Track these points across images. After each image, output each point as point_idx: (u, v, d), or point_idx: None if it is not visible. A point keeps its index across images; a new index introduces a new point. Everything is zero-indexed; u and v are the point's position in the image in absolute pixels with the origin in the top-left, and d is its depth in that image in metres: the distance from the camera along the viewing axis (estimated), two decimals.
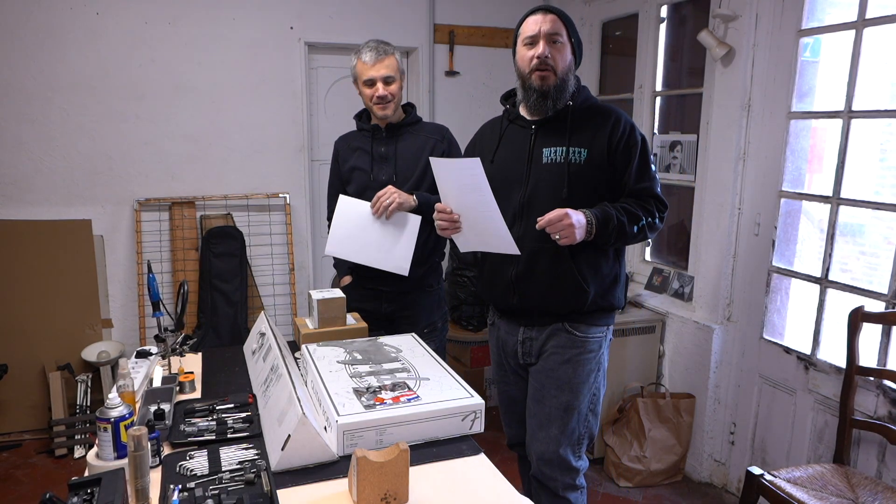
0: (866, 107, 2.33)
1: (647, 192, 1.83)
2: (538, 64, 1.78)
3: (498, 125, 1.98)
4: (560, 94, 1.81)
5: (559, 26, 1.80)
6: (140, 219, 3.53)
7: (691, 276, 3.09)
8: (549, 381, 1.89)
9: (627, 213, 1.77)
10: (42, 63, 3.29)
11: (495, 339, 2.07)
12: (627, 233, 1.77)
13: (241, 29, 3.56)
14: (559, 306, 1.85)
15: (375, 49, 2.24)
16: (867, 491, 2.03)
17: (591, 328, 1.88)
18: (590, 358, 1.89)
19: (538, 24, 1.78)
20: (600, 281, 1.85)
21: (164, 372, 1.85)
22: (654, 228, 1.84)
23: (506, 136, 1.93)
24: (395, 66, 2.27)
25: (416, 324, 2.39)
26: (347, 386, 1.60)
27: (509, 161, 1.90)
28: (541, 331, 1.91)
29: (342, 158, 2.45)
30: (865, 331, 2.22)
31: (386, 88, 2.25)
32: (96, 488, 1.19)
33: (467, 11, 3.98)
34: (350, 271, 2.46)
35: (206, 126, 3.59)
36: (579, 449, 1.92)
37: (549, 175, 1.82)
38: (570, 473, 1.90)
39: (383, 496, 1.26)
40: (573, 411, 1.88)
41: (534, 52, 1.79)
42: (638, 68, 3.40)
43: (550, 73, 1.78)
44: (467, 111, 4.02)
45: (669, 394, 3.00)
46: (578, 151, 1.80)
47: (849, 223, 2.86)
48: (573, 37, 1.83)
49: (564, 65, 1.81)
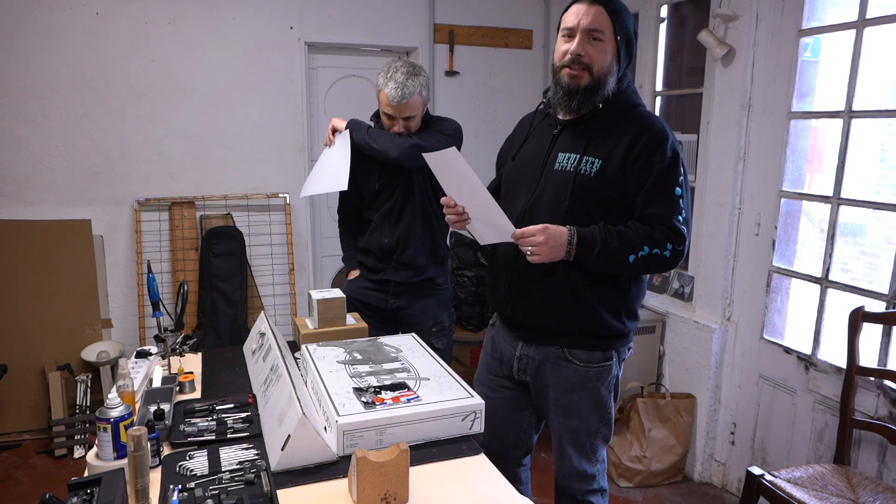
0: (866, 107, 2.33)
1: (658, 220, 1.59)
2: (570, 60, 1.61)
3: (530, 119, 1.85)
4: (590, 96, 1.62)
5: (603, 21, 1.60)
6: (140, 219, 3.53)
7: (691, 276, 3.09)
8: (554, 408, 1.78)
9: (622, 240, 1.57)
10: (42, 63, 3.29)
11: (492, 342, 1.94)
12: (621, 261, 1.57)
13: (241, 29, 3.56)
14: (551, 324, 1.71)
15: (402, 87, 2.17)
16: (867, 491, 2.03)
17: (592, 354, 1.71)
18: (598, 387, 1.74)
19: (578, 17, 1.60)
20: (603, 305, 1.67)
21: (164, 372, 1.85)
22: (662, 262, 1.60)
23: (533, 134, 1.80)
24: (417, 105, 2.23)
25: (425, 322, 2.40)
26: (347, 386, 1.60)
27: (527, 162, 1.77)
28: (538, 350, 1.77)
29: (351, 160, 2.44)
30: (866, 331, 2.22)
31: (404, 126, 2.25)
32: (96, 488, 1.19)
33: (467, 11, 3.98)
34: (358, 265, 2.46)
35: (206, 126, 3.59)
36: (594, 455, 1.83)
37: (557, 183, 1.67)
38: (588, 480, 1.83)
39: (383, 496, 1.26)
40: (583, 431, 1.78)
41: (568, 47, 1.62)
42: (638, 68, 3.40)
43: (585, 72, 1.61)
44: (467, 111, 4.01)
45: (669, 394, 3.00)
46: (591, 161, 1.63)
47: (849, 223, 2.86)
48: (619, 34, 1.61)
49: (603, 65, 1.61)
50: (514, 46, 4.12)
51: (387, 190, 2.36)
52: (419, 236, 2.35)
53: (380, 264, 2.39)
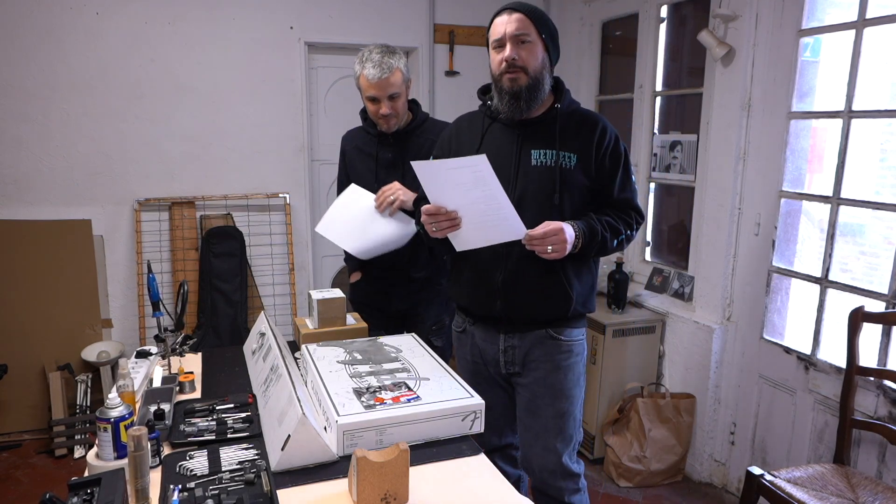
0: (866, 107, 2.33)
1: (629, 204, 1.83)
2: (507, 66, 1.73)
3: (479, 122, 1.90)
4: (533, 94, 1.75)
5: (526, 25, 1.72)
6: (140, 219, 3.53)
7: (691, 276, 3.09)
8: (541, 391, 1.85)
9: (611, 228, 1.77)
10: (42, 63, 3.29)
11: (469, 347, 1.97)
12: (608, 247, 1.78)
13: (241, 29, 3.56)
14: (543, 313, 1.82)
15: (379, 65, 2.11)
16: (867, 491, 2.03)
17: (573, 331, 1.86)
18: (577, 361, 1.88)
19: (504, 26, 1.73)
20: (582, 287, 1.83)
21: (164, 372, 1.85)
22: (630, 240, 1.85)
23: (489, 134, 1.86)
24: (399, 80, 2.15)
25: (425, 321, 2.39)
26: (347, 386, 1.60)
27: (495, 160, 1.78)
28: (523, 338, 1.85)
29: (348, 159, 2.40)
30: (865, 331, 2.22)
31: (390, 106, 2.17)
32: (96, 488, 1.19)
33: (467, 11, 3.98)
34: (360, 267, 2.43)
35: (206, 126, 3.59)
36: (574, 453, 1.91)
37: (540, 178, 1.77)
38: (573, 479, 1.89)
39: (383, 496, 1.26)
40: (569, 417, 1.86)
41: (502, 56, 1.74)
42: (638, 68, 3.40)
43: (521, 73, 1.73)
44: (467, 111, 4.00)
45: (669, 394, 3.00)
46: (568, 157, 1.77)
47: (849, 223, 2.86)
48: (544, 33, 1.74)
49: (536, 63, 1.74)
50: None
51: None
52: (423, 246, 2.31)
53: (381, 270, 2.36)
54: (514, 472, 2.09)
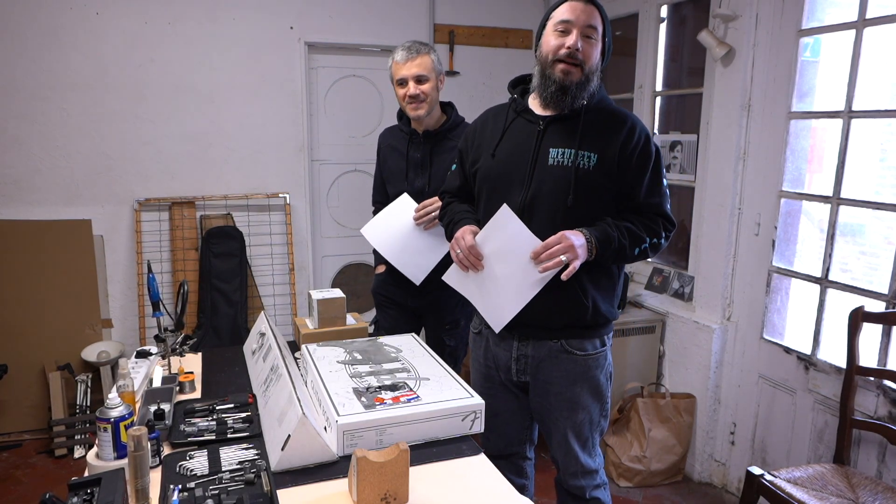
0: (866, 107, 2.33)
1: (656, 210, 1.71)
2: (567, 55, 1.62)
3: (503, 115, 1.83)
4: (581, 92, 1.66)
5: (598, 21, 1.64)
6: (140, 219, 3.53)
7: (691, 276, 3.09)
8: (558, 403, 1.78)
9: (630, 235, 1.67)
10: (42, 63, 3.29)
11: (483, 350, 1.91)
12: (627, 255, 1.67)
13: (241, 29, 3.56)
14: (556, 320, 1.73)
15: (408, 48, 2.21)
16: (867, 491, 2.03)
17: (588, 343, 1.76)
18: (596, 375, 1.78)
19: (576, 12, 1.61)
20: (599, 295, 1.73)
21: (164, 372, 1.85)
22: (657, 249, 1.73)
23: (511, 130, 1.79)
24: (428, 64, 2.21)
25: (440, 320, 2.39)
26: (347, 386, 1.60)
27: (512, 158, 1.75)
28: (536, 347, 1.77)
29: (383, 156, 2.45)
30: (865, 331, 2.22)
31: (418, 87, 2.21)
32: (96, 488, 1.19)
33: (467, 11, 3.98)
34: (385, 260, 2.43)
35: (206, 126, 3.60)
36: (594, 449, 1.86)
37: (555, 178, 1.68)
38: (592, 475, 1.85)
39: (383, 496, 1.26)
40: (587, 424, 1.81)
41: (564, 41, 1.62)
42: (638, 68, 3.40)
43: (577, 68, 1.63)
44: (467, 111, 3.94)
45: (669, 394, 3.00)
46: (588, 156, 1.66)
47: (849, 223, 2.85)
48: (607, 35, 1.68)
49: (593, 63, 1.65)
50: (514, 46, 4.12)
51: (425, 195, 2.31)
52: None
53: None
54: (519, 481, 2.00)
